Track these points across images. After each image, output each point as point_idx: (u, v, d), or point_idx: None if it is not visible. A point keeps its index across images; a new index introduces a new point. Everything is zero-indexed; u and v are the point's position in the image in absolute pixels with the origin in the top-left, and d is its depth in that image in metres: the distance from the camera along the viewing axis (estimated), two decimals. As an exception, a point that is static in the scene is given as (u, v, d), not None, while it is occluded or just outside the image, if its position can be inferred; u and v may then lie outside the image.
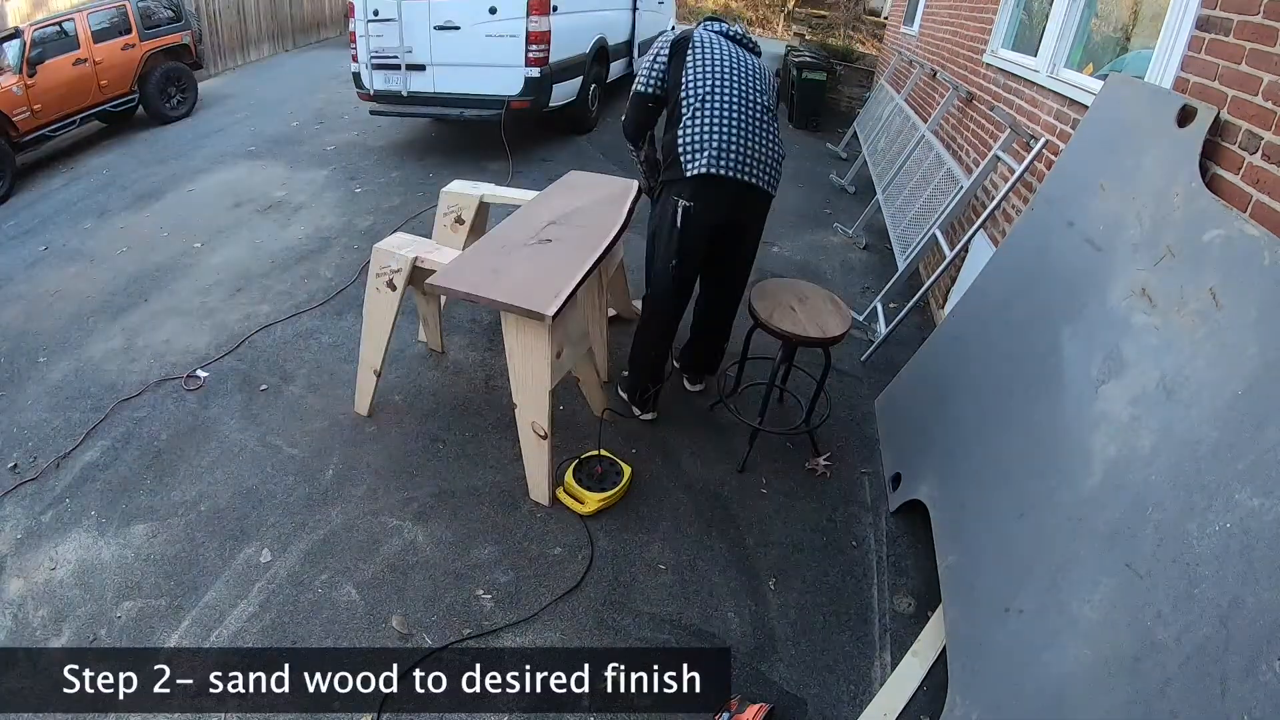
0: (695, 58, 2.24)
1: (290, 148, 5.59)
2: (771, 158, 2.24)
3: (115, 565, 2.01)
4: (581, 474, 2.24)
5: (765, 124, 2.23)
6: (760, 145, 2.21)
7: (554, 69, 5.12)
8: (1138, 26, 2.74)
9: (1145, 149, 1.78)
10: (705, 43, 2.27)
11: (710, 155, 2.14)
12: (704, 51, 2.25)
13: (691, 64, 2.23)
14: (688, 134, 2.18)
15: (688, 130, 2.18)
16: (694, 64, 2.23)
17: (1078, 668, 1.34)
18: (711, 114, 2.17)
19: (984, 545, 1.78)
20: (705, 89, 2.19)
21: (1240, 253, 1.39)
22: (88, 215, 4.56)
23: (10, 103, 5.40)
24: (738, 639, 1.86)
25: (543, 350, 1.95)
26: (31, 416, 2.64)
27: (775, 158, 2.26)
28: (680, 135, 2.19)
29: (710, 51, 2.25)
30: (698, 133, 2.16)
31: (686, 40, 2.28)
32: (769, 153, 2.24)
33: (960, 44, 4.59)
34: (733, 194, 2.20)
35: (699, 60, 2.23)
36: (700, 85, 2.20)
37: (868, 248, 4.41)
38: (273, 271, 3.66)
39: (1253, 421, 1.23)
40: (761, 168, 2.21)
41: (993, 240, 2.95)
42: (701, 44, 2.26)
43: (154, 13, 6.67)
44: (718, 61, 2.23)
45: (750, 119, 2.19)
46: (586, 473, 2.25)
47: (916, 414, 2.41)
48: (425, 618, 1.85)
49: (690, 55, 2.24)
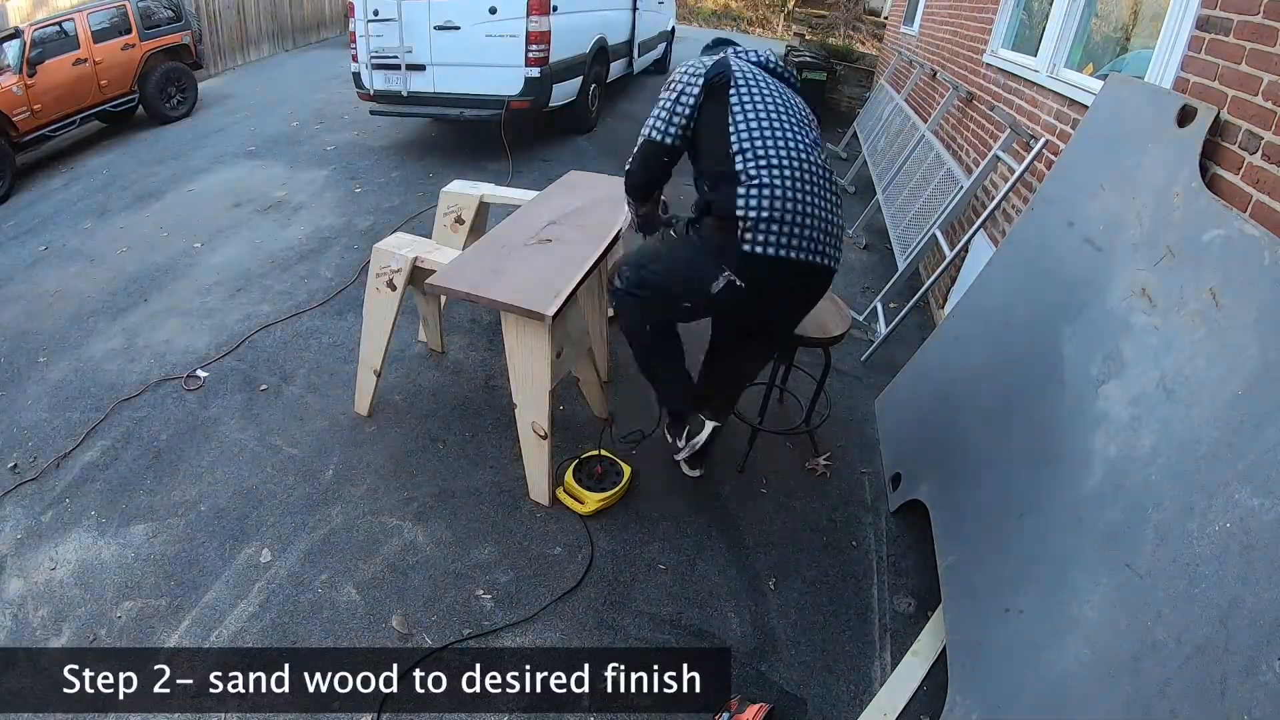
0: (743, 99, 1.81)
1: (290, 148, 5.59)
2: (838, 225, 1.87)
3: (115, 565, 2.01)
4: (581, 474, 2.24)
5: (830, 182, 1.85)
6: (829, 212, 1.82)
7: (554, 69, 5.12)
8: (1138, 26, 2.74)
9: (1145, 149, 1.78)
10: (750, 80, 1.83)
11: (780, 230, 1.74)
12: (751, 92, 1.82)
13: (740, 108, 1.80)
14: (751, 195, 1.74)
15: (752, 191, 1.74)
16: (742, 107, 1.80)
17: (1078, 668, 1.34)
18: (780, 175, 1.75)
19: (984, 545, 1.78)
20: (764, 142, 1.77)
21: (1240, 253, 1.39)
22: (88, 215, 4.56)
23: (10, 103, 5.40)
24: (738, 639, 1.86)
25: (543, 350, 1.95)
26: (31, 416, 2.64)
27: (839, 225, 1.88)
28: (741, 198, 1.75)
29: (760, 93, 1.83)
30: (765, 196, 1.74)
31: (726, 78, 1.82)
32: (836, 219, 1.86)
33: (960, 44, 4.59)
34: (798, 276, 1.83)
35: (748, 103, 1.80)
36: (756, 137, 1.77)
37: (868, 248, 4.41)
38: (273, 271, 3.66)
39: (1253, 421, 1.23)
40: (831, 240, 1.83)
41: (993, 240, 2.95)
42: (746, 82, 1.83)
43: (154, 13, 6.67)
44: (771, 106, 1.81)
45: (817, 180, 1.81)
46: (586, 473, 2.25)
47: (916, 414, 2.41)
48: (425, 618, 1.85)
49: (735, 95, 1.81)
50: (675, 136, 1.85)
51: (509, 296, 1.93)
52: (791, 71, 1.99)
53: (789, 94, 1.90)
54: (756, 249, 1.75)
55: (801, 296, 1.96)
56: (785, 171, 1.76)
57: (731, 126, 1.78)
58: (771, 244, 1.75)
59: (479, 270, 2.06)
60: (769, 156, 1.76)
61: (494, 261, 2.10)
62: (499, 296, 1.93)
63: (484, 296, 1.96)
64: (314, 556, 2.02)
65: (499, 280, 2.00)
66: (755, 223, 1.74)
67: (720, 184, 1.79)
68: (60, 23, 5.96)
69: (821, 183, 1.81)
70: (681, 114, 1.83)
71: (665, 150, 1.87)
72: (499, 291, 1.95)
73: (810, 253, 1.79)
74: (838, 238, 1.87)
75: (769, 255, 1.76)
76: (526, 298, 1.92)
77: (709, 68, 1.84)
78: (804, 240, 1.77)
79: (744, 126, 1.78)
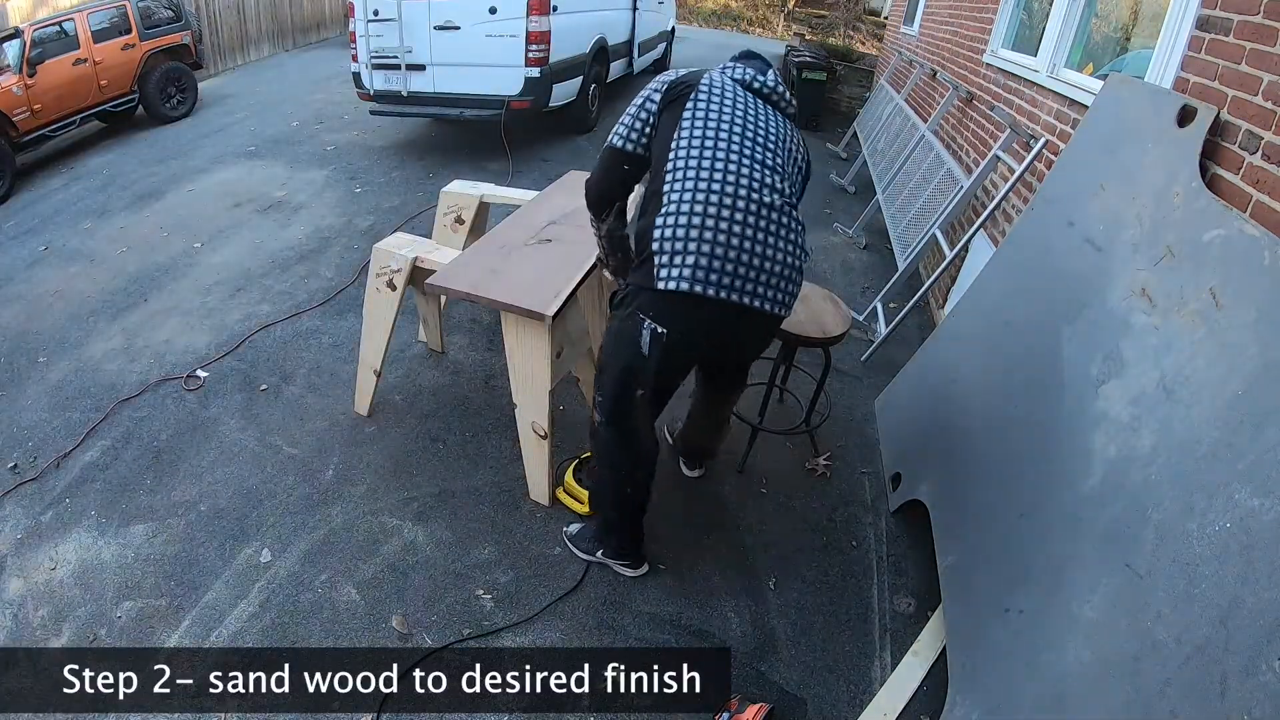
0: (696, 111, 1.59)
1: (290, 148, 5.59)
2: (785, 266, 1.58)
3: (115, 565, 2.01)
4: (581, 474, 2.24)
5: (781, 217, 1.57)
6: (772, 249, 1.55)
7: (554, 69, 5.12)
8: (1138, 26, 2.74)
9: (1145, 149, 1.78)
10: (715, 92, 1.63)
11: (695, 262, 1.51)
12: (710, 105, 1.60)
13: (690, 120, 1.59)
14: (668, 224, 1.53)
15: (669, 218, 1.53)
16: (692, 120, 1.59)
17: (1077, 668, 1.34)
18: (705, 198, 1.52)
19: (984, 545, 1.78)
20: (700, 160, 1.55)
21: (1240, 253, 1.39)
22: (88, 215, 4.56)
23: (10, 103, 5.40)
24: (738, 639, 1.86)
25: (543, 350, 1.95)
26: (31, 416, 2.64)
27: (791, 266, 1.59)
28: (658, 224, 1.54)
29: (719, 106, 1.60)
30: (682, 224, 1.52)
31: (690, 86, 1.64)
32: (783, 259, 1.57)
33: (960, 44, 4.59)
34: (724, 319, 1.58)
35: (700, 116, 1.59)
36: (694, 154, 1.55)
37: (868, 248, 4.41)
38: (273, 271, 3.66)
39: (1253, 421, 1.23)
40: (769, 280, 1.56)
41: (993, 240, 2.95)
42: (709, 93, 1.62)
43: (154, 13, 6.66)
44: (726, 122, 1.59)
45: (761, 209, 1.54)
46: (587, 473, 2.25)
47: (916, 414, 2.41)
48: (425, 618, 1.85)
49: (691, 106, 1.60)
50: (635, 144, 1.69)
51: (509, 296, 1.93)
52: (783, 94, 1.73)
53: (767, 115, 1.66)
54: (669, 279, 1.52)
55: (734, 344, 1.75)
56: (713, 195, 1.52)
57: (674, 140, 1.59)
58: (684, 277, 1.51)
59: (479, 270, 2.06)
60: (698, 177, 1.53)
61: (494, 261, 2.10)
62: (499, 296, 1.93)
63: (484, 296, 1.96)
64: (314, 556, 2.02)
65: (499, 280, 2.00)
66: (668, 244, 1.52)
67: (649, 208, 1.60)
68: (60, 23, 5.96)
69: (765, 212, 1.55)
70: (644, 119, 1.68)
71: (624, 157, 1.71)
72: (499, 291, 1.95)
73: (737, 290, 1.53)
74: (784, 278, 1.58)
75: (678, 291, 1.51)
76: (526, 298, 1.92)
77: (679, 75, 1.69)
78: (729, 273, 1.52)
79: (685, 141, 1.58)
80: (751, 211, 1.54)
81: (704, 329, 1.61)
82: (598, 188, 1.82)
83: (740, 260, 1.53)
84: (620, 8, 6.60)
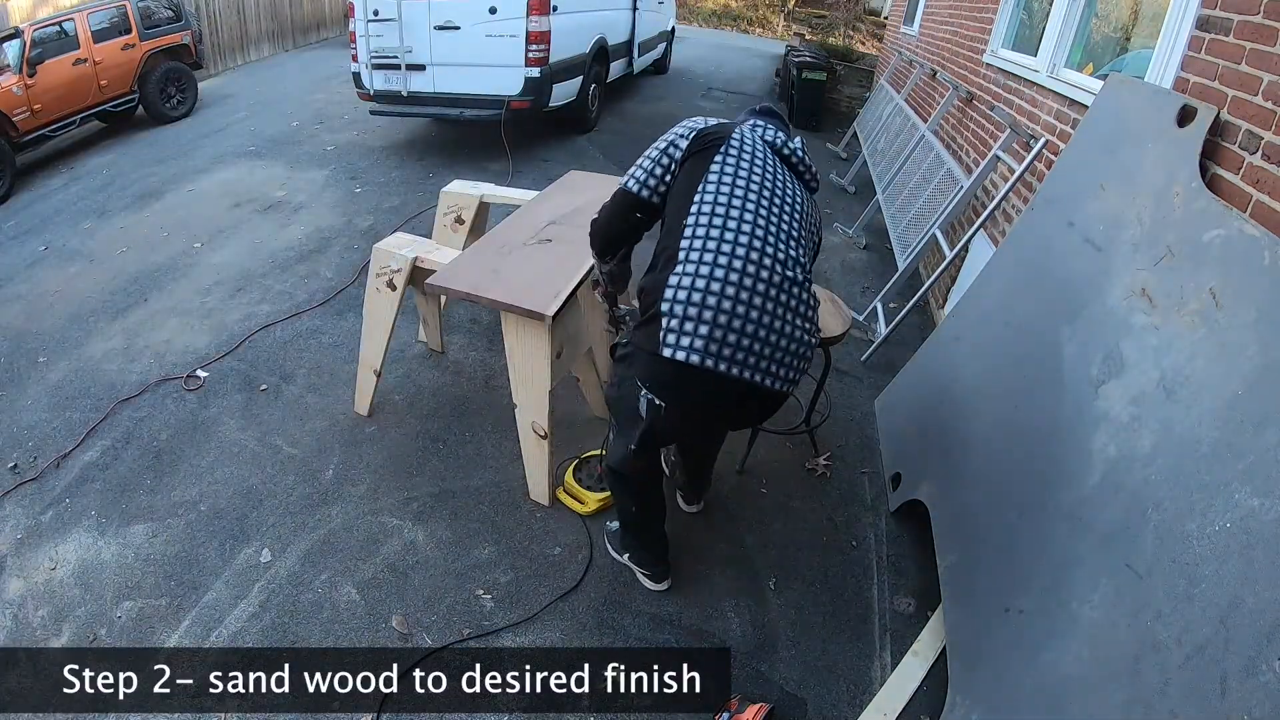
0: (725, 168, 1.52)
1: (290, 148, 5.59)
2: (799, 343, 1.51)
3: (115, 565, 2.01)
4: (581, 474, 2.24)
5: (801, 293, 1.51)
6: (790, 324, 1.48)
7: (554, 69, 5.12)
8: (1138, 26, 2.74)
9: (1145, 149, 1.78)
10: (747, 151, 1.56)
11: (709, 333, 1.42)
12: (740, 164, 1.53)
13: (717, 177, 1.51)
14: (682, 284, 1.44)
15: (684, 278, 1.44)
16: (720, 178, 1.51)
17: (1077, 668, 1.34)
18: (728, 262, 1.44)
19: (984, 545, 1.78)
20: (726, 221, 1.47)
21: (1240, 253, 1.39)
22: (88, 215, 4.56)
23: (10, 103, 5.40)
24: (738, 639, 1.86)
25: (543, 350, 1.95)
26: (31, 416, 2.64)
27: (805, 343, 1.52)
28: (671, 283, 1.45)
29: (749, 166, 1.54)
30: (699, 287, 1.43)
31: (718, 139, 1.56)
32: (799, 335, 1.50)
33: (960, 44, 4.59)
34: (729, 394, 1.49)
35: (729, 174, 1.51)
36: (718, 214, 1.48)
37: (868, 248, 4.41)
38: (273, 271, 3.66)
39: (1253, 421, 1.23)
40: (782, 357, 1.48)
41: (993, 240, 2.95)
42: (740, 151, 1.55)
43: (154, 13, 6.67)
44: (756, 185, 1.52)
45: (783, 283, 1.47)
46: (587, 473, 2.25)
47: (916, 414, 2.41)
48: (425, 618, 1.85)
49: (720, 162, 1.53)
50: (651, 190, 1.61)
51: (509, 296, 1.93)
52: (810, 166, 1.68)
53: (791, 183, 1.60)
54: (676, 354, 1.43)
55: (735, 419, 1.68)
56: (736, 260, 1.44)
57: (698, 195, 1.50)
58: (694, 349, 1.42)
59: (479, 270, 2.06)
60: (721, 238, 1.45)
61: (494, 261, 2.10)
62: (499, 296, 1.93)
63: (484, 296, 1.96)
64: (314, 556, 2.02)
65: (499, 280, 2.00)
66: (678, 318, 1.43)
67: (660, 263, 1.53)
68: (60, 23, 5.96)
69: (787, 286, 1.48)
70: (664, 166, 1.60)
71: (637, 203, 1.63)
72: (499, 291, 1.95)
73: (750, 368, 1.45)
74: (797, 355, 1.51)
75: (678, 361, 1.43)
76: (526, 298, 1.92)
77: (708, 125, 1.61)
78: (741, 351, 1.43)
79: (710, 198, 1.49)
80: (774, 284, 1.46)
81: (706, 402, 1.53)
82: (604, 231, 1.74)
83: (756, 335, 1.44)
84: (620, 8, 6.60)
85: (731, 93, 8.65)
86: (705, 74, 9.61)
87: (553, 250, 2.19)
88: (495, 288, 1.97)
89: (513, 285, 1.97)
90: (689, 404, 1.53)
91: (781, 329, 1.47)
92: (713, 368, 1.43)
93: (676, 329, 1.44)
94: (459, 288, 1.98)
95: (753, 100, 8.33)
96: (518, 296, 1.92)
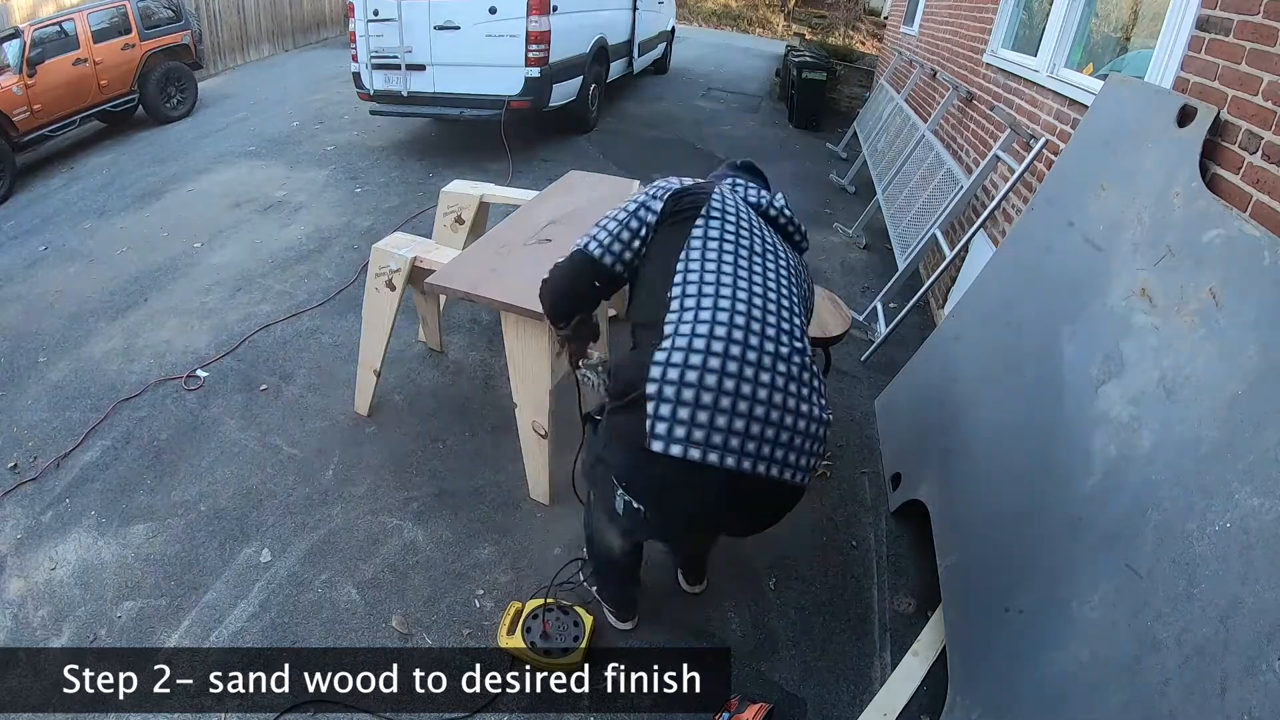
0: (709, 234, 1.34)
1: (290, 148, 5.59)
2: (814, 422, 1.27)
3: (115, 565, 2.01)
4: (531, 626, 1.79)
5: (806, 362, 1.29)
6: (805, 402, 1.26)
7: (554, 69, 5.12)
8: (1138, 26, 2.74)
9: (1145, 149, 1.78)
10: (730, 215, 1.38)
11: (704, 419, 1.19)
12: (725, 229, 1.36)
13: (701, 244, 1.33)
14: (672, 361, 1.21)
15: (674, 354, 1.22)
16: (704, 244, 1.33)
17: (1077, 667, 1.34)
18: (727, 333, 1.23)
19: (984, 545, 1.78)
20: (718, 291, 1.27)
21: (1240, 253, 1.39)
22: (88, 215, 4.56)
23: (10, 102, 5.39)
24: (738, 639, 1.86)
25: (543, 350, 1.95)
26: (31, 416, 2.64)
27: (819, 422, 1.29)
28: (657, 361, 1.22)
29: (735, 231, 1.36)
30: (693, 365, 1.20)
31: (698, 202, 1.38)
32: (815, 414, 1.28)
33: (960, 44, 4.59)
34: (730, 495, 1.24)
35: (714, 240, 1.34)
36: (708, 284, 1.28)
37: (868, 248, 4.41)
38: (273, 271, 3.66)
39: (1253, 421, 1.23)
40: (795, 442, 1.25)
41: (993, 240, 2.95)
42: (723, 215, 1.37)
43: (154, 12, 6.66)
44: (745, 252, 1.34)
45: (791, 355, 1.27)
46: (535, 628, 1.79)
47: (916, 414, 2.41)
48: (425, 618, 1.85)
49: (702, 228, 1.35)
50: (616, 257, 1.40)
51: (509, 296, 1.93)
52: (799, 226, 1.53)
53: (780, 246, 1.43)
54: (669, 448, 1.18)
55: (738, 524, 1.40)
56: (736, 333, 1.23)
57: (681, 264, 1.31)
58: (684, 439, 1.18)
59: (479, 270, 2.06)
60: (715, 308, 1.25)
61: (494, 261, 2.10)
62: (499, 296, 1.93)
63: (484, 296, 1.96)
64: (314, 556, 2.02)
65: (499, 280, 2.00)
66: (669, 402, 1.19)
67: (641, 340, 1.31)
68: (60, 22, 5.95)
69: (794, 357, 1.27)
70: (634, 231, 1.40)
71: (599, 271, 1.42)
72: (499, 291, 1.95)
73: (754, 457, 1.20)
74: (812, 437, 1.27)
75: (672, 457, 1.18)
76: (526, 298, 1.91)
77: (684, 185, 1.43)
78: (745, 439, 1.19)
79: (696, 267, 1.30)
80: (780, 356, 1.25)
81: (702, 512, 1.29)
82: (554, 294, 1.51)
83: (767, 418, 1.21)
84: (620, 8, 6.60)
85: (731, 93, 8.65)
86: (705, 74, 9.61)
87: (553, 250, 2.19)
88: (495, 288, 1.97)
89: (512, 285, 1.97)
90: (676, 504, 1.28)
91: (796, 408, 1.24)
92: (716, 463, 1.18)
93: (668, 416, 1.19)
94: (458, 287, 1.99)
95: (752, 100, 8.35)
96: (518, 296, 1.92)
